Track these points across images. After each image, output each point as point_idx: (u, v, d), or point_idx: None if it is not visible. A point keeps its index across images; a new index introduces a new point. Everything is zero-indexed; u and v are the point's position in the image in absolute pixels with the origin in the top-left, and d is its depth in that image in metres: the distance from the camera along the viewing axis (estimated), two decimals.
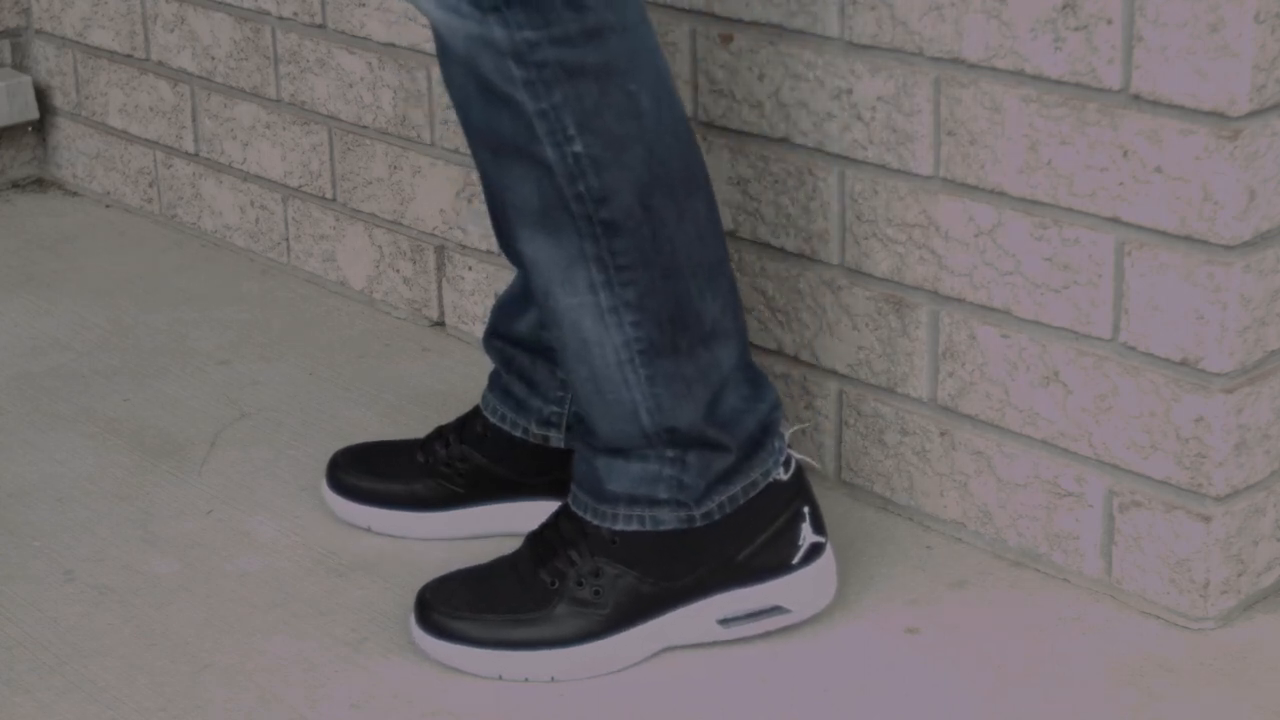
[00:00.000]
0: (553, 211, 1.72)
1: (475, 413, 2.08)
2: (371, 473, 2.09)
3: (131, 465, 2.27)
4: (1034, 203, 1.90)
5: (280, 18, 2.74)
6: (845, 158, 2.05)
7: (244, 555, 2.07)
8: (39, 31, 3.21)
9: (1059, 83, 1.85)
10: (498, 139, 1.71)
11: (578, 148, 1.69)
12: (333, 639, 1.90)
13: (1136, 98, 1.79)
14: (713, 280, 1.78)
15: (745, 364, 1.84)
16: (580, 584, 1.81)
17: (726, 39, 2.12)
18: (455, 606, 1.83)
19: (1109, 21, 1.79)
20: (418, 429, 2.27)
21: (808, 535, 1.86)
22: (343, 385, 2.46)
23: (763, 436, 1.84)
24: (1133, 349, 1.86)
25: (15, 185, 3.25)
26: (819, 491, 2.15)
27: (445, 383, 2.46)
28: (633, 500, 1.82)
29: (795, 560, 1.85)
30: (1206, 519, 1.85)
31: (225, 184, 2.92)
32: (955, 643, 1.87)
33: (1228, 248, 1.77)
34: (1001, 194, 1.92)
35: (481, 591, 1.84)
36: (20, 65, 3.25)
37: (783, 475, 1.85)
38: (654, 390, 1.79)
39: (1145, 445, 1.87)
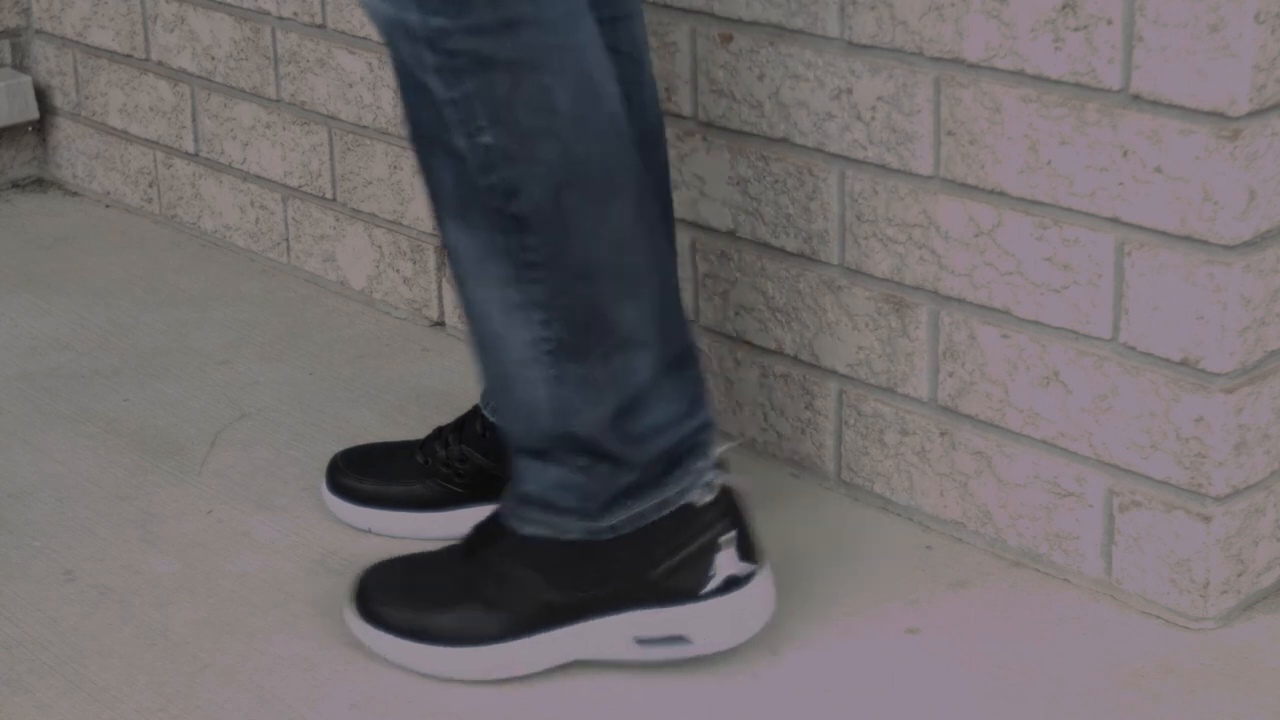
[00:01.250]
0: (468, 202, 1.69)
1: (474, 412, 2.08)
2: (371, 475, 2.09)
3: (131, 465, 2.27)
4: (1034, 203, 1.90)
5: (280, 18, 2.74)
6: (845, 158, 2.05)
7: (244, 555, 2.07)
8: (39, 31, 3.21)
9: (1059, 83, 1.85)
10: (417, 126, 1.71)
11: (488, 139, 1.67)
12: (333, 639, 1.90)
13: (1136, 98, 1.79)
14: (633, 287, 1.72)
15: (676, 377, 1.77)
16: (493, 584, 1.79)
17: (726, 39, 2.13)
18: (388, 591, 1.83)
19: (1109, 21, 1.79)
20: (418, 429, 2.26)
21: (725, 566, 1.77)
22: (343, 385, 2.46)
23: (682, 456, 1.77)
24: (1133, 349, 1.86)
25: (15, 185, 3.25)
26: (816, 494, 2.15)
27: (445, 383, 2.46)
28: (545, 505, 1.78)
29: (704, 590, 1.77)
30: (1206, 519, 1.85)
31: (225, 184, 2.92)
32: (955, 643, 1.87)
33: (1228, 248, 1.77)
34: (1001, 194, 1.92)
35: (414, 580, 1.84)
36: (20, 65, 3.25)
37: (701, 499, 1.78)
38: (559, 392, 1.74)
39: (1145, 445, 1.87)
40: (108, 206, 3.14)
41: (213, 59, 2.88)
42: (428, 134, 1.70)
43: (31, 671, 1.86)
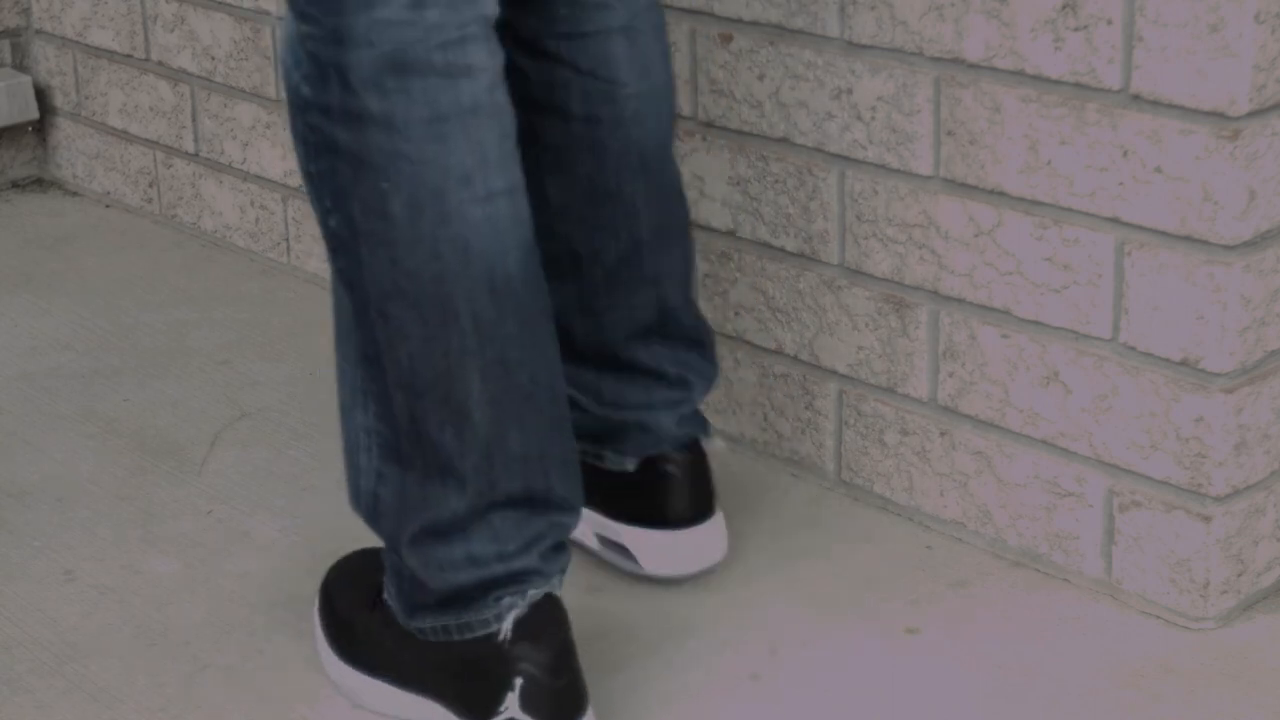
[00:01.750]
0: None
1: None
2: None
3: (131, 465, 2.27)
4: (1034, 203, 1.90)
5: (280, 18, 2.74)
6: (845, 158, 2.05)
7: (244, 555, 2.07)
8: (39, 31, 3.21)
9: (1059, 83, 1.85)
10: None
11: (332, 223, 1.62)
12: None
13: (1136, 98, 1.79)
14: (459, 421, 1.62)
15: (506, 519, 1.67)
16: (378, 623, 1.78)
17: (726, 39, 2.13)
18: (341, 589, 1.84)
19: (1109, 21, 1.79)
20: None
21: (512, 709, 1.66)
22: None
23: (477, 594, 1.68)
24: (1133, 349, 1.86)
25: (15, 185, 3.25)
26: (816, 494, 2.15)
27: None
28: (388, 576, 1.76)
29: None
30: (1206, 519, 1.85)
31: (225, 184, 2.92)
32: (955, 643, 1.87)
33: (1228, 248, 1.77)
34: (1001, 194, 1.92)
35: (367, 582, 1.81)
36: (20, 65, 3.25)
37: (500, 636, 1.67)
38: (378, 489, 1.69)
39: (1145, 445, 1.87)
40: (108, 206, 3.14)
41: (213, 59, 2.88)
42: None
43: (31, 671, 1.87)
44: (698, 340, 1.96)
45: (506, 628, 1.67)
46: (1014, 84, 1.88)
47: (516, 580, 1.68)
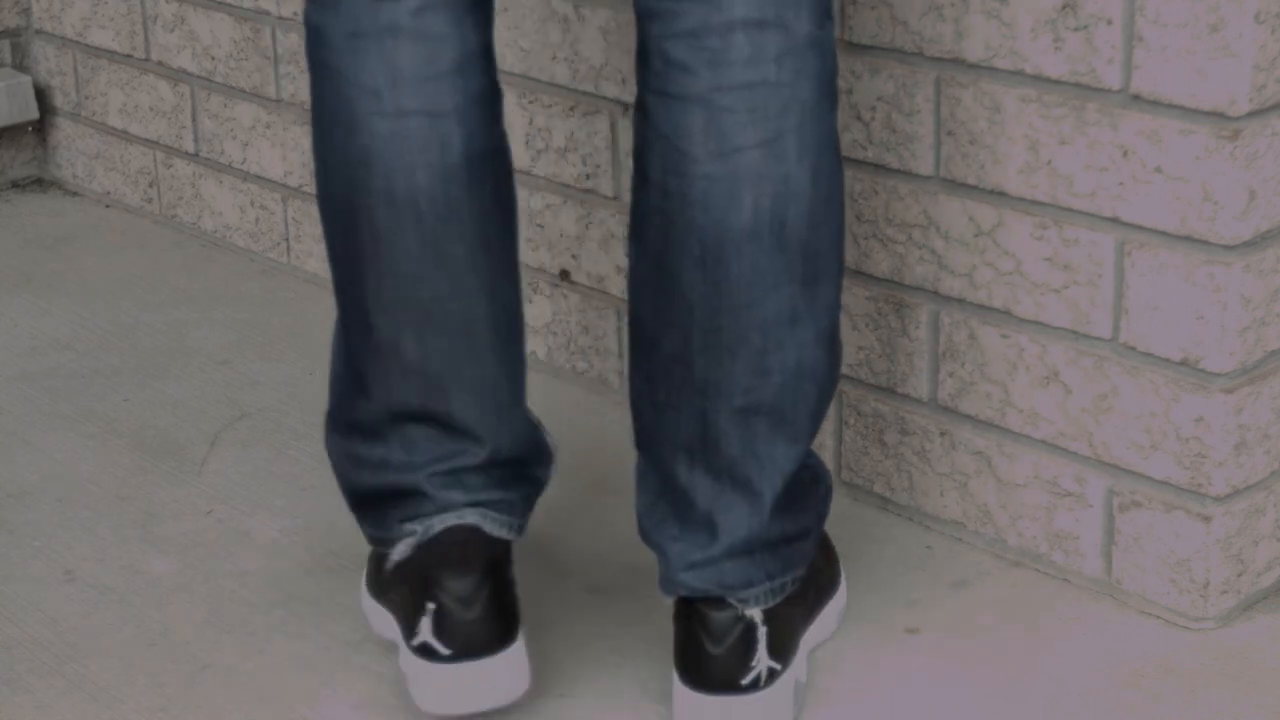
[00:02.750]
0: None
1: None
2: None
3: (131, 465, 2.27)
4: (1034, 203, 1.90)
5: (280, 18, 2.74)
6: (845, 158, 2.05)
7: (244, 555, 2.07)
8: (39, 31, 3.21)
9: (1059, 83, 1.85)
10: None
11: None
12: (333, 639, 1.90)
13: (1136, 98, 1.79)
14: (363, 325, 1.73)
15: (415, 433, 1.75)
16: None
17: None
18: None
19: (1109, 21, 1.79)
20: None
21: (426, 632, 1.71)
22: None
23: (376, 504, 1.79)
24: (1133, 349, 1.86)
25: (15, 185, 3.25)
26: None
27: None
28: None
29: (411, 643, 1.72)
30: (1206, 519, 1.85)
31: (225, 184, 2.92)
32: (955, 643, 1.87)
33: (1228, 248, 1.77)
34: (1001, 194, 1.92)
35: None
36: (20, 65, 3.25)
37: (392, 559, 1.76)
38: (332, 383, 1.82)
39: (1145, 445, 1.87)
40: (108, 206, 3.14)
41: (213, 59, 2.88)
42: None
43: (31, 671, 1.87)
44: (743, 480, 1.71)
45: (401, 550, 1.74)
46: (1014, 84, 1.88)
47: (411, 501, 1.74)
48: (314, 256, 2.79)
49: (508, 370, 1.75)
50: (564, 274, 2.41)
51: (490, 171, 1.70)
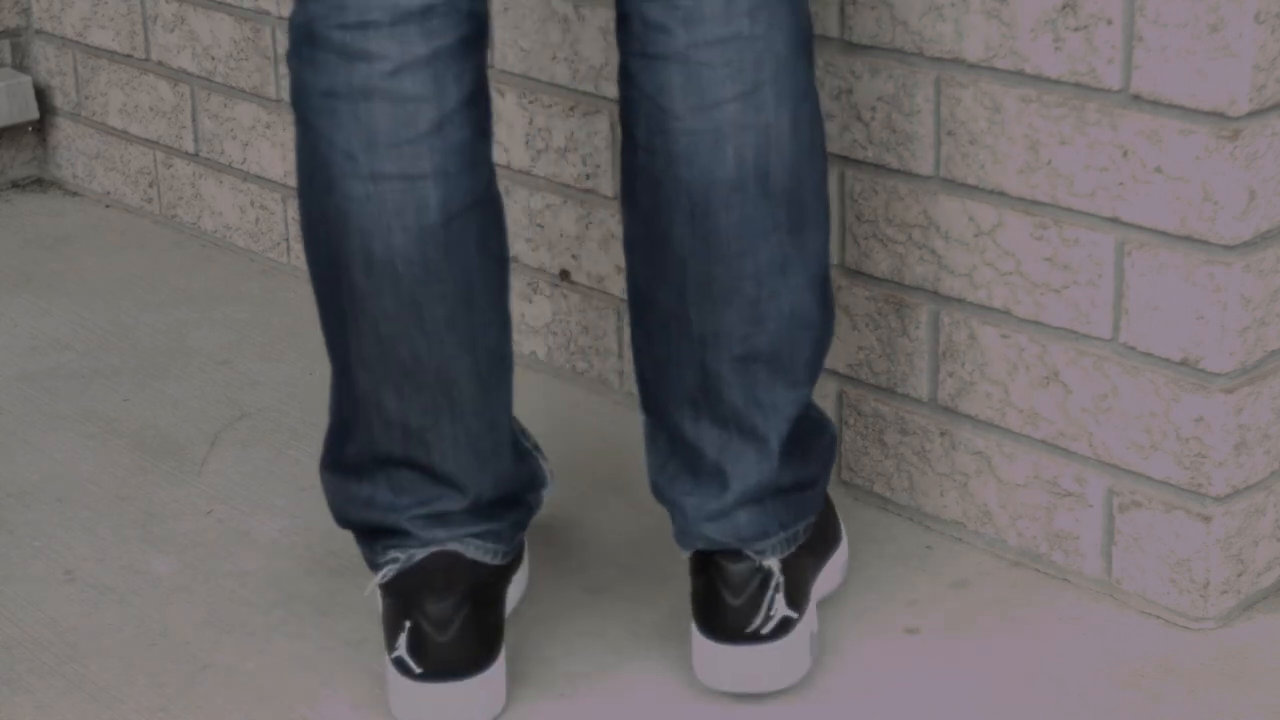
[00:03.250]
0: None
1: None
2: None
3: (131, 465, 2.27)
4: (1034, 203, 1.90)
5: (280, 18, 2.74)
6: (845, 158, 2.05)
7: (244, 555, 2.07)
8: (39, 31, 3.21)
9: (1059, 83, 1.85)
10: None
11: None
12: (333, 639, 1.90)
13: (1136, 98, 1.79)
14: (344, 375, 1.74)
15: (400, 477, 1.77)
16: None
17: None
18: None
19: (1109, 21, 1.79)
20: None
21: (403, 647, 1.74)
22: None
23: (366, 536, 1.80)
24: (1133, 349, 1.86)
25: (15, 185, 3.25)
26: None
27: None
28: None
29: (391, 655, 1.76)
30: (1206, 519, 1.85)
31: (225, 184, 2.92)
32: (955, 643, 1.87)
33: (1228, 248, 1.77)
34: (1001, 194, 1.92)
35: None
36: (20, 65, 3.25)
37: (384, 578, 1.78)
38: (330, 418, 1.82)
39: (1145, 445, 1.87)
40: (108, 206, 3.14)
41: (213, 59, 2.88)
42: None
43: (31, 671, 1.86)
44: (749, 428, 1.76)
45: (386, 573, 1.76)
46: (1014, 84, 1.88)
47: (395, 535, 1.77)
48: None
49: (490, 420, 1.76)
50: (564, 274, 2.41)
51: (474, 225, 1.69)
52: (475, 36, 1.67)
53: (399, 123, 1.64)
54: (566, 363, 2.45)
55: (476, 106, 1.68)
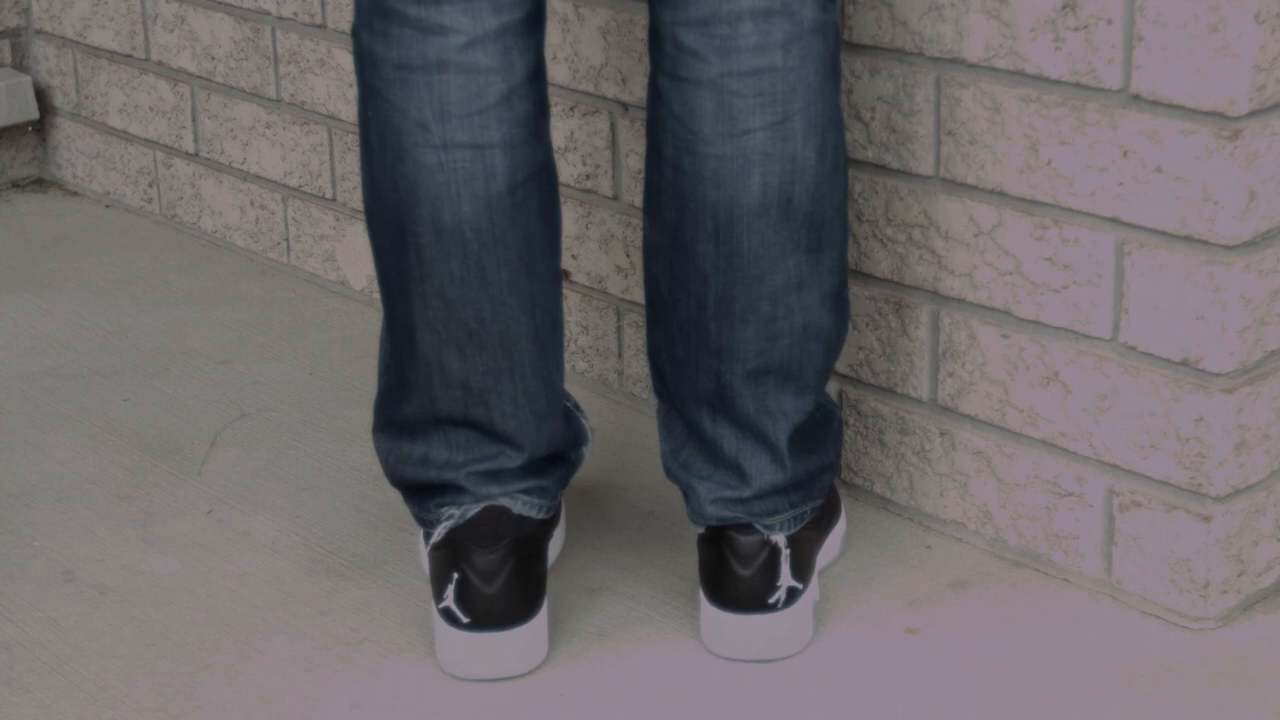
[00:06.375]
0: None
1: None
2: None
3: (131, 465, 2.27)
4: (1034, 203, 1.90)
5: (280, 18, 2.74)
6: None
7: (244, 555, 2.07)
8: (39, 31, 3.21)
9: (1059, 83, 1.85)
10: None
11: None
12: (333, 639, 1.91)
13: (1136, 98, 1.79)
14: (408, 337, 1.80)
15: (456, 434, 1.84)
16: None
17: None
18: None
19: (1109, 21, 1.79)
20: None
21: (451, 597, 1.82)
22: (343, 385, 2.46)
23: (420, 495, 1.87)
24: (1133, 349, 1.86)
25: (15, 185, 3.25)
26: None
27: None
28: None
29: (438, 605, 1.83)
30: (1206, 519, 1.85)
31: (225, 184, 2.92)
32: (955, 643, 1.87)
33: (1228, 248, 1.77)
34: (1001, 194, 1.92)
35: None
36: (20, 65, 3.25)
37: (433, 540, 1.85)
38: (380, 379, 1.88)
39: (1145, 445, 1.87)
40: (108, 206, 3.14)
41: (213, 59, 2.88)
42: None
43: (31, 671, 1.87)
44: (760, 433, 1.82)
45: (440, 532, 1.83)
46: (1014, 84, 1.88)
47: (450, 492, 1.83)
48: (314, 256, 2.80)
49: (546, 379, 1.83)
50: (564, 274, 2.41)
51: (535, 193, 1.76)
52: (537, 14, 1.75)
53: (470, 94, 1.72)
54: (566, 362, 2.45)
55: (538, 81, 1.76)
